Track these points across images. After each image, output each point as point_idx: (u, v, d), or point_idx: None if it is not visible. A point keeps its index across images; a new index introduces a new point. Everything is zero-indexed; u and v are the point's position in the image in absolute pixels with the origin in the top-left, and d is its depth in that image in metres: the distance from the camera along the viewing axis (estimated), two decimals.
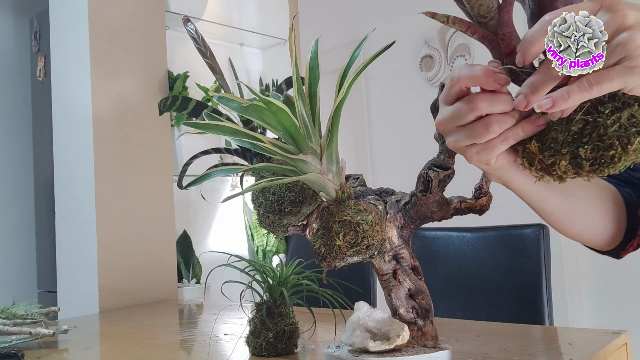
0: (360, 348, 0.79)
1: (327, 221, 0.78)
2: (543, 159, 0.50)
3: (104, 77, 1.86)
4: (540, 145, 0.50)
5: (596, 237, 0.78)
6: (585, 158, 0.47)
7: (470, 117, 0.51)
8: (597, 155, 0.47)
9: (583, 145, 0.47)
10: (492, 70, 0.50)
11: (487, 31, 0.52)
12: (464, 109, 0.52)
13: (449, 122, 0.54)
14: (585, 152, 0.47)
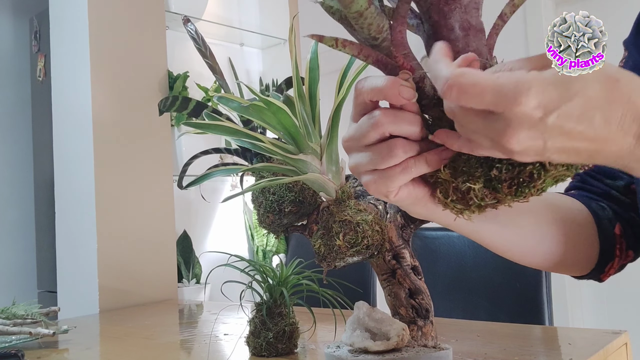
0: (360, 348, 0.79)
1: (327, 221, 0.78)
2: (457, 185, 0.43)
3: (104, 77, 1.86)
4: (452, 172, 0.44)
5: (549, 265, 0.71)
6: (500, 179, 0.41)
7: (372, 135, 0.44)
8: (514, 174, 0.41)
9: (496, 165, 0.41)
10: (398, 80, 0.44)
11: (381, 54, 0.46)
12: (365, 125, 0.45)
13: (351, 140, 0.46)
14: (499, 172, 0.41)
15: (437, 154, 0.44)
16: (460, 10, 0.45)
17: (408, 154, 0.44)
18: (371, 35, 0.46)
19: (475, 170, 0.43)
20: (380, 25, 0.45)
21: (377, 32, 0.45)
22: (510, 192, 0.42)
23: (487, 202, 0.43)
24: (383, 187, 0.45)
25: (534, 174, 0.41)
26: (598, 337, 1.03)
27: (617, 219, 0.74)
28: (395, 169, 0.44)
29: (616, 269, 0.75)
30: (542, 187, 0.42)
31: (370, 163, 0.45)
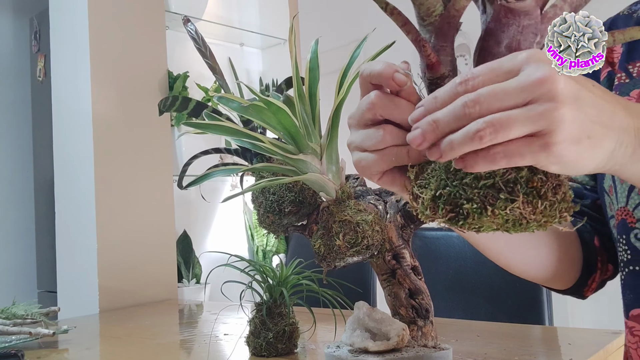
0: (360, 348, 0.79)
1: (327, 221, 0.78)
2: (414, 187, 0.44)
3: (104, 76, 1.86)
4: (418, 171, 0.45)
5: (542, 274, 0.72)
6: (445, 201, 0.41)
7: (366, 114, 0.46)
8: (456, 202, 0.41)
9: (448, 187, 0.42)
10: (393, 67, 0.45)
11: (421, 35, 0.46)
12: (362, 104, 0.47)
13: (352, 117, 0.49)
14: (447, 194, 0.41)
15: (419, 152, 0.44)
16: (517, 29, 0.43)
17: (394, 141, 0.45)
18: (420, 14, 0.46)
19: (432, 182, 0.43)
20: (431, 9, 0.45)
21: (425, 13, 0.45)
22: (445, 216, 0.42)
23: (428, 214, 0.43)
24: (366, 168, 0.47)
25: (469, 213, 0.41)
26: (598, 337, 1.03)
27: (595, 233, 0.76)
28: (379, 153, 0.46)
29: (598, 282, 0.77)
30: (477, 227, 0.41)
31: (360, 142, 0.47)
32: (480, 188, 0.41)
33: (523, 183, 0.41)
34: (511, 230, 0.42)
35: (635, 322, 0.67)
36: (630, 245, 0.67)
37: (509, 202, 0.40)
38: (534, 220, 0.41)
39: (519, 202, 0.40)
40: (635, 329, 0.67)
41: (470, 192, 0.41)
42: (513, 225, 0.41)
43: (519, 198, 0.40)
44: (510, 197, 0.40)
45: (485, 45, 0.44)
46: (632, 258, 0.67)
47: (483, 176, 0.41)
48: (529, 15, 0.43)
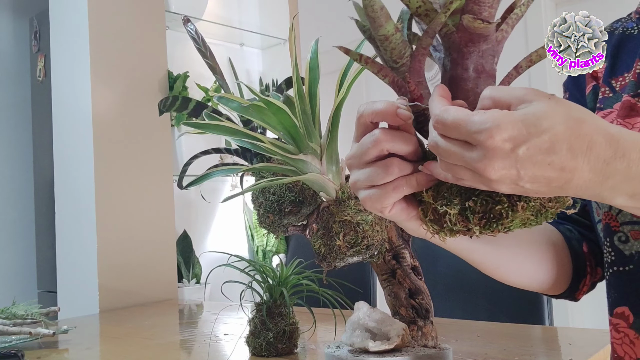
0: (360, 348, 0.79)
1: (327, 221, 0.78)
2: (436, 207, 0.47)
3: (104, 77, 1.86)
4: (434, 194, 0.48)
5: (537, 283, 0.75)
6: (473, 210, 0.45)
7: (372, 151, 0.49)
8: (487, 209, 0.45)
9: (473, 197, 0.46)
10: (395, 104, 0.48)
11: (398, 77, 0.50)
12: (366, 142, 0.49)
13: (354, 157, 0.50)
14: (474, 204, 0.45)
15: (426, 176, 0.48)
16: (477, 54, 0.48)
17: (402, 172, 0.48)
18: (392, 58, 0.50)
19: (455, 197, 0.47)
20: (402, 52, 0.50)
21: (398, 56, 0.50)
22: (480, 224, 0.46)
23: (459, 228, 0.46)
24: (378, 203, 0.49)
25: (502, 213, 0.45)
26: (598, 337, 1.03)
27: (583, 239, 0.78)
28: (389, 186, 0.48)
29: (589, 286, 0.79)
30: (509, 226, 0.45)
31: (368, 179, 0.49)
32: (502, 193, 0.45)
33: None
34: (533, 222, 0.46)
35: (619, 319, 0.70)
36: (614, 247, 0.69)
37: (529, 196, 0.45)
38: (550, 207, 0.46)
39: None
40: (620, 326, 0.69)
41: (496, 195, 0.45)
42: (536, 216, 0.46)
43: None
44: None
45: (454, 74, 0.49)
46: (615, 259, 0.70)
47: None
48: (487, 39, 0.48)
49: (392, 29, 0.48)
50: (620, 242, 0.69)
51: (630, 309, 0.68)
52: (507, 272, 0.72)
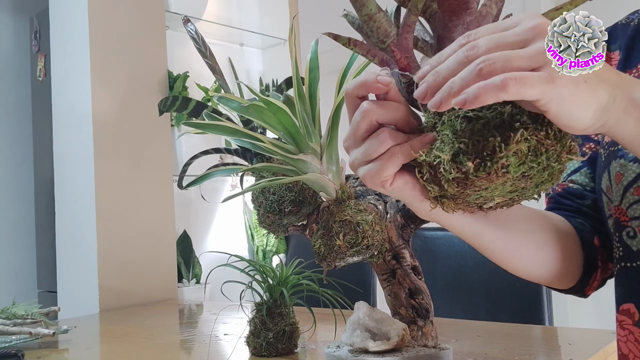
0: (360, 348, 0.79)
1: (327, 221, 0.78)
2: (429, 161, 0.46)
3: (104, 77, 1.86)
4: (427, 152, 0.47)
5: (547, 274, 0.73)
6: (465, 152, 0.43)
7: (362, 124, 0.48)
8: (479, 148, 0.43)
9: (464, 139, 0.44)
10: (374, 72, 0.48)
11: (387, 55, 0.51)
12: (356, 117, 0.49)
13: (348, 137, 0.51)
14: (466, 146, 0.43)
15: (420, 139, 0.47)
16: (463, 27, 0.49)
17: (396, 141, 0.48)
18: (379, 38, 0.51)
19: (446, 146, 0.45)
20: (388, 30, 0.50)
21: (384, 35, 0.50)
22: (474, 165, 0.43)
23: (454, 175, 0.44)
24: (377, 176, 0.48)
25: (495, 148, 0.43)
26: (598, 337, 1.03)
27: (595, 232, 0.77)
28: (384, 156, 0.48)
29: (599, 281, 0.78)
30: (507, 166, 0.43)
31: (364, 155, 0.48)
32: (494, 128, 0.43)
33: (527, 115, 0.43)
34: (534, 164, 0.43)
35: (624, 315, 0.69)
36: (622, 242, 0.68)
37: (523, 128, 0.42)
38: (551, 146, 0.43)
39: (531, 127, 0.43)
40: (625, 323, 0.69)
41: (488, 132, 0.43)
42: (535, 155, 0.43)
43: (530, 124, 0.43)
44: (523, 126, 0.43)
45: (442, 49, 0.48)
46: (623, 255, 0.69)
47: (491, 118, 0.43)
48: (469, 10, 0.48)
49: (375, 7, 0.49)
50: (628, 238, 0.68)
51: (636, 306, 0.67)
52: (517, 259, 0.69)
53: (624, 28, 0.76)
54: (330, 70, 1.50)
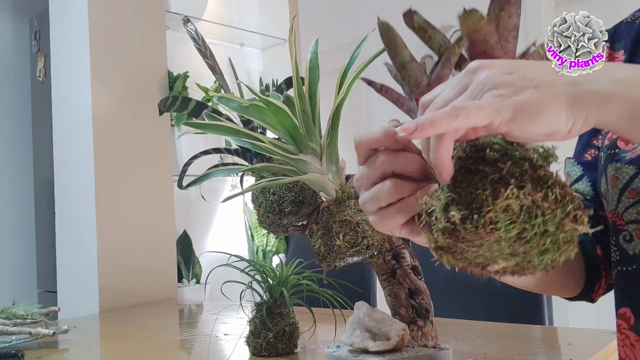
0: (360, 348, 0.79)
1: (327, 221, 0.78)
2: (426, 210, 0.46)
3: (104, 77, 1.86)
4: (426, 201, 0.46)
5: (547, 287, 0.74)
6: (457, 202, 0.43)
7: (376, 173, 0.49)
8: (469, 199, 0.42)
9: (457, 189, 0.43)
10: (392, 129, 0.48)
11: (413, 104, 0.52)
12: (370, 165, 0.49)
13: (361, 179, 0.51)
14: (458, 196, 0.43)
15: (424, 190, 0.47)
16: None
17: (400, 193, 0.48)
18: (410, 87, 0.51)
19: (441, 195, 0.45)
20: (419, 80, 0.51)
21: (415, 85, 0.51)
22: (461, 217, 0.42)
23: (443, 224, 0.43)
24: (385, 225, 0.49)
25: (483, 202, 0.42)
26: (598, 337, 1.03)
27: (597, 242, 0.77)
28: (392, 209, 0.48)
29: (604, 288, 0.77)
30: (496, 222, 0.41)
31: (372, 201, 0.49)
32: (489, 182, 0.42)
33: (529, 174, 0.42)
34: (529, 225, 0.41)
35: (621, 320, 0.68)
36: (619, 246, 0.68)
37: (517, 187, 0.41)
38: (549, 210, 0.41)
39: (528, 188, 0.41)
40: (622, 327, 0.68)
41: (481, 185, 0.42)
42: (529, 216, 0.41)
43: (528, 184, 0.41)
44: (520, 184, 0.41)
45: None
46: (620, 259, 0.68)
47: (489, 172, 0.43)
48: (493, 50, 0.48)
49: (408, 56, 0.51)
50: (624, 241, 0.67)
51: (632, 310, 0.67)
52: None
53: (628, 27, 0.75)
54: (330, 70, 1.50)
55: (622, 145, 0.65)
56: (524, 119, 0.40)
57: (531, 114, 0.40)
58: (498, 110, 0.40)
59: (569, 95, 0.40)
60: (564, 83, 0.41)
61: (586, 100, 0.41)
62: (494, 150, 0.44)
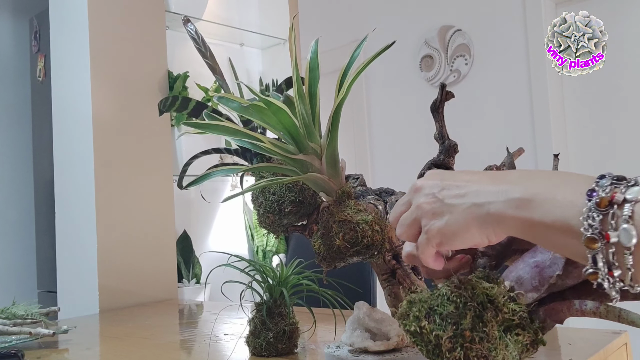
0: (360, 348, 0.79)
1: (327, 221, 0.78)
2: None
3: (104, 77, 1.86)
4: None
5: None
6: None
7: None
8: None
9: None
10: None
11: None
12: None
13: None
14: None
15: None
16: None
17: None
18: None
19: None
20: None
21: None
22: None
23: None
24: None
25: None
26: (598, 337, 1.03)
27: None
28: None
29: None
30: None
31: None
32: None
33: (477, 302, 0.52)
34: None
35: None
36: None
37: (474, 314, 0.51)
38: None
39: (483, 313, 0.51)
40: None
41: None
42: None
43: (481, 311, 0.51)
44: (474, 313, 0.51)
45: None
46: None
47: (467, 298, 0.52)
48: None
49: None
50: None
51: None
52: None
53: None
54: (330, 70, 1.50)
55: None
56: (447, 241, 0.50)
57: (450, 237, 0.50)
58: (429, 241, 0.51)
59: (475, 217, 0.48)
60: (469, 205, 0.49)
61: (487, 221, 0.48)
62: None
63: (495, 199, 0.47)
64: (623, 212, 0.40)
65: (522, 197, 0.45)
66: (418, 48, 2.94)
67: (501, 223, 0.47)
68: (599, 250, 0.41)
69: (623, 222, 0.40)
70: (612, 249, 0.41)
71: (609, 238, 0.40)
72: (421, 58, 2.93)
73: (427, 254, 0.52)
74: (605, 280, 0.42)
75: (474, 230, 0.48)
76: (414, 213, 0.52)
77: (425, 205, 0.51)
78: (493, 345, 0.50)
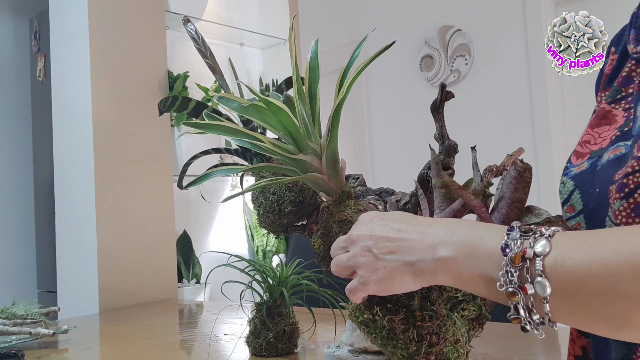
0: (360, 348, 0.79)
1: (327, 221, 0.78)
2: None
3: (104, 77, 1.86)
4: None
5: None
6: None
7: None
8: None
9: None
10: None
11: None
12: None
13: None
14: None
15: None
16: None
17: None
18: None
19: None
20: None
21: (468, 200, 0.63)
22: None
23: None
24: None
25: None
26: None
27: None
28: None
29: None
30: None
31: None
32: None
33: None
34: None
35: None
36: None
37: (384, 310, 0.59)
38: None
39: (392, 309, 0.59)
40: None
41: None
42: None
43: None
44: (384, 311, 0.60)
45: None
46: None
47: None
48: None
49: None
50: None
51: None
52: None
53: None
54: (330, 70, 1.50)
55: (573, 160, 0.66)
56: (383, 289, 0.55)
57: (386, 287, 0.55)
58: (365, 290, 0.56)
59: (408, 272, 0.53)
60: (402, 263, 0.53)
61: (421, 274, 0.52)
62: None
63: (423, 257, 0.52)
64: (535, 266, 0.45)
65: (448, 256, 0.50)
66: (418, 48, 2.94)
67: (433, 277, 0.52)
68: (520, 300, 0.47)
69: (537, 276, 0.45)
70: (531, 299, 0.46)
71: (527, 291, 0.46)
72: (421, 58, 2.93)
73: (358, 297, 0.58)
74: (527, 324, 0.49)
75: (408, 282, 0.54)
76: (350, 261, 0.57)
77: (360, 258, 0.56)
78: (442, 322, 0.58)
